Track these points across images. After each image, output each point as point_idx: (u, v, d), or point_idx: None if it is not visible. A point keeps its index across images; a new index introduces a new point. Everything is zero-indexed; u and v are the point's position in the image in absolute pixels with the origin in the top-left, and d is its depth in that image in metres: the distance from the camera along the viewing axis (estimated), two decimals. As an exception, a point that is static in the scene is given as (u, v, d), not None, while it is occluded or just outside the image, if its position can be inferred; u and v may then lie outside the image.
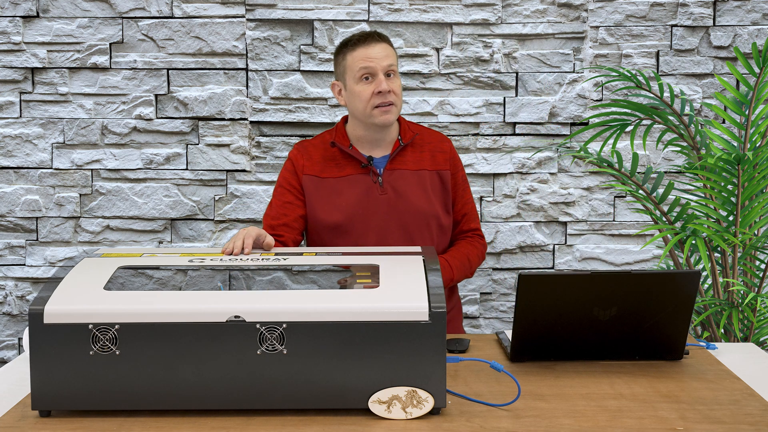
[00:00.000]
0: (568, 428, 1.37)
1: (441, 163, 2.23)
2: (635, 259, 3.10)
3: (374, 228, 2.15)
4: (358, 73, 2.12)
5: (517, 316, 1.67)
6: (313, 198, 2.18)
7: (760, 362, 1.79)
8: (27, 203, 3.05)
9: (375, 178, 2.17)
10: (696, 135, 2.55)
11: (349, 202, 2.16)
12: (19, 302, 3.09)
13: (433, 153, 2.24)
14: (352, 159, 2.19)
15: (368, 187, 2.17)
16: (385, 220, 2.15)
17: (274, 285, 1.77)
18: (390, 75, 2.14)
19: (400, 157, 2.21)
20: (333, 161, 2.20)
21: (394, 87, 2.13)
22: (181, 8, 3.00)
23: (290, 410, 1.43)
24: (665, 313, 1.68)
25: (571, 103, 3.04)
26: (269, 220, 2.19)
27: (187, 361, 1.40)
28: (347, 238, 2.16)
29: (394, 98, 2.13)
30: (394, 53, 2.17)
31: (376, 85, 2.11)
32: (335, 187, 2.17)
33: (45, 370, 1.40)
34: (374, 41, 2.14)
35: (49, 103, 3.03)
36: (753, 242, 2.49)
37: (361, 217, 2.15)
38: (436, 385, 1.40)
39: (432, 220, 2.19)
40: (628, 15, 3.02)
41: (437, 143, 2.26)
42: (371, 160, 2.18)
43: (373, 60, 2.11)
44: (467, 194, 2.29)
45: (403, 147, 2.20)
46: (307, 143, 2.27)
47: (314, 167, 2.20)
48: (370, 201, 2.16)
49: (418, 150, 2.23)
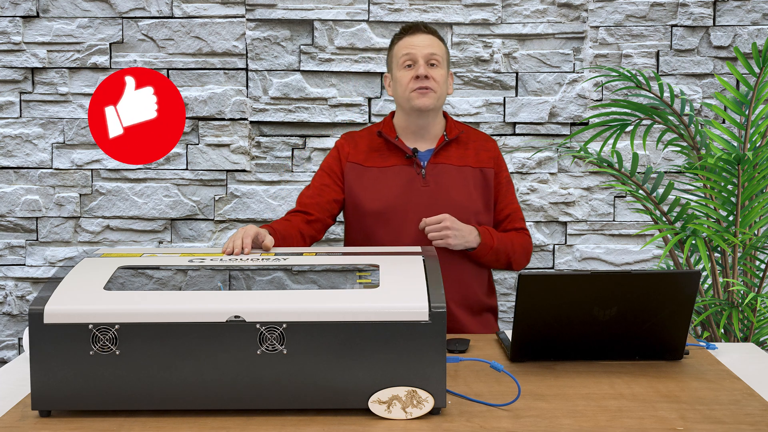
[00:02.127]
0: (568, 428, 1.37)
1: (485, 160, 2.25)
2: (635, 259, 3.10)
3: (413, 219, 2.16)
4: (401, 59, 2.18)
5: (517, 316, 1.67)
6: (355, 185, 2.21)
7: (760, 362, 1.79)
8: (27, 203, 3.05)
9: (418, 170, 2.20)
10: (696, 135, 2.55)
11: (391, 191, 2.18)
12: (19, 302, 3.09)
13: (478, 151, 2.26)
14: (397, 150, 2.22)
15: (411, 178, 2.19)
16: (425, 213, 2.16)
17: (274, 285, 1.77)
18: (434, 64, 2.17)
19: (444, 152, 2.23)
20: (378, 152, 2.23)
21: (435, 75, 2.16)
22: (181, 8, 3.00)
23: (290, 410, 1.43)
24: (665, 313, 1.67)
25: (571, 103, 3.04)
26: (303, 198, 2.23)
27: (187, 361, 1.40)
28: (387, 227, 2.18)
29: (434, 85, 2.15)
30: (440, 45, 2.20)
31: (415, 70, 2.15)
32: (378, 176, 2.20)
33: (45, 370, 1.40)
34: (419, 32, 2.19)
35: (49, 103, 3.03)
36: (753, 242, 2.49)
37: (402, 207, 2.17)
38: (436, 385, 1.40)
39: (471, 216, 2.19)
40: (628, 15, 3.02)
41: (482, 142, 2.28)
42: (416, 152, 2.20)
43: (415, 47, 2.16)
44: (510, 195, 2.29)
45: (447, 142, 2.23)
46: (354, 133, 2.31)
47: (359, 155, 2.24)
48: (412, 192, 2.18)
49: (463, 147, 2.25)
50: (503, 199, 2.27)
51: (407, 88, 2.16)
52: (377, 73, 3.04)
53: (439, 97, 2.17)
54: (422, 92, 2.15)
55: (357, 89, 3.04)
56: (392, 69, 2.23)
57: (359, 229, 2.22)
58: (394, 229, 2.17)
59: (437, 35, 2.21)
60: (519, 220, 2.29)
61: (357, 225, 2.23)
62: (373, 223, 2.19)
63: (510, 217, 2.27)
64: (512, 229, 2.27)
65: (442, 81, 2.18)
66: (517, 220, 2.28)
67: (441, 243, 2.09)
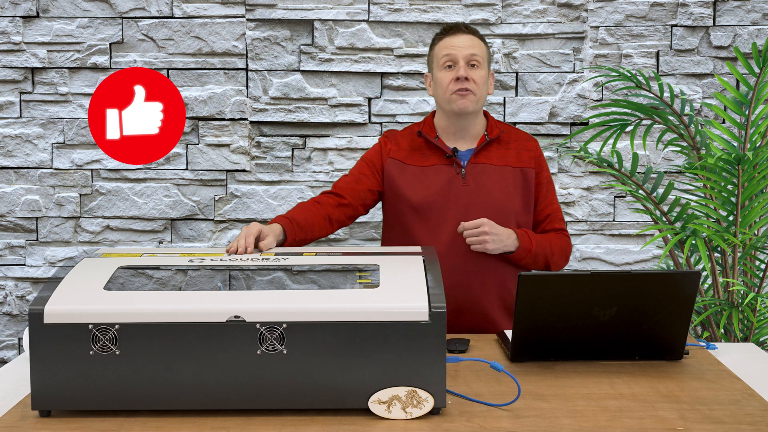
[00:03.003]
0: (568, 428, 1.37)
1: (526, 161, 2.23)
2: (635, 259, 3.10)
3: (452, 218, 2.15)
4: (441, 60, 2.17)
5: (517, 316, 1.67)
6: (396, 178, 2.21)
7: (760, 362, 1.79)
8: (27, 203, 3.05)
9: (458, 169, 2.19)
10: (696, 135, 2.55)
11: (430, 188, 2.18)
12: (19, 302, 3.09)
13: (519, 151, 2.24)
14: (437, 150, 2.22)
15: (451, 177, 2.19)
16: (464, 212, 2.15)
17: (274, 285, 1.77)
18: (474, 65, 2.16)
19: (485, 151, 2.21)
20: (418, 151, 2.23)
21: (475, 76, 2.15)
22: (181, 8, 3.00)
23: (290, 410, 1.43)
24: (665, 313, 1.67)
25: (571, 103, 3.04)
26: (339, 182, 2.24)
27: (187, 361, 1.40)
28: (425, 223, 2.17)
29: (473, 86, 2.14)
30: (481, 45, 2.18)
31: (456, 71, 2.14)
32: (419, 174, 2.20)
33: (45, 370, 1.40)
34: (460, 32, 2.18)
35: (49, 103, 3.03)
36: (753, 242, 2.49)
37: (441, 205, 2.17)
38: (436, 385, 1.40)
39: (511, 217, 2.18)
40: (628, 15, 3.02)
41: (524, 141, 2.27)
42: (456, 152, 2.20)
43: (455, 48, 2.15)
44: (551, 195, 2.27)
45: (488, 142, 2.21)
46: (395, 131, 2.31)
47: (400, 153, 2.24)
48: (452, 191, 2.18)
49: (504, 146, 2.24)
50: (543, 199, 2.25)
51: (447, 89, 2.15)
52: (377, 73, 3.04)
53: (478, 99, 2.16)
54: (462, 94, 2.14)
55: (357, 89, 3.05)
56: (432, 69, 2.22)
57: (398, 223, 2.22)
58: (432, 226, 2.16)
59: (478, 35, 2.20)
60: (558, 220, 2.26)
61: (396, 220, 2.23)
62: (412, 218, 2.18)
63: (550, 218, 2.25)
64: (551, 230, 2.25)
65: (482, 82, 2.17)
66: (556, 220, 2.26)
67: (479, 248, 2.08)
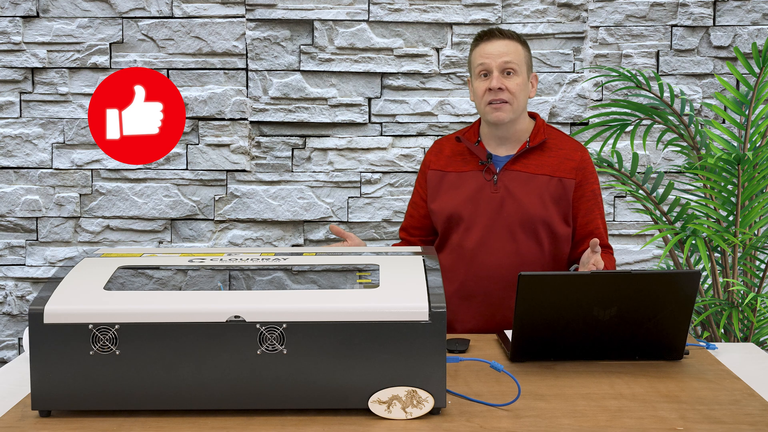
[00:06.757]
0: (568, 428, 1.37)
1: (566, 170, 2.15)
2: (635, 259, 3.10)
3: (479, 226, 2.14)
4: (476, 69, 2.13)
5: (517, 316, 1.67)
6: (434, 191, 2.22)
7: (760, 362, 1.79)
8: (27, 203, 3.05)
9: (490, 176, 2.16)
10: (696, 135, 2.55)
11: (461, 196, 2.18)
12: (19, 302, 3.09)
13: (561, 159, 2.16)
14: (476, 155, 2.20)
15: (482, 184, 2.17)
16: (492, 219, 2.14)
17: (274, 285, 1.77)
18: (510, 73, 2.10)
19: (523, 158, 2.16)
20: (460, 156, 2.22)
21: (510, 85, 2.10)
22: (181, 8, 3.00)
23: (290, 410, 1.43)
24: (665, 313, 1.67)
25: (571, 103, 3.04)
26: (406, 219, 2.32)
27: (187, 361, 1.40)
28: (455, 231, 2.18)
29: (508, 96, 2.10)
30: (516, 49, 2.12)
31: (489, 82, 2.10)
32: (455, 181, 2.20)
33: (45, 370, 1.40)
34: (494, 38, 2.12)
35: (49, 103, 3.03)
36: (753, 242, 2.49)
37: (470, 212, 2.16)
38: (436, 385, 1.40)
39: (541, 226, 2.13)
40: (628, 15, 3.02)
41: (569, 150, 2.18)
42: (490, 158, 2.17)
43: (489, 57, 2.10)
44: (596, 210, 2.17)
45: (528, 149, 2.16)
46: (444, 138, 2.31)
47: (440, 161, 2.23)
48: (482, 198, 2.16)
49: (546, 154, 2.17)
50: (586, 213, 2.16)
51: (482, 100, 2.12)
52: (377, 73, 3.04)
53: (515, 108, 2.11)
54: (496, 107, 2.10)
55: (357, 89, 3.05)
56: (471, 76, 2.18)
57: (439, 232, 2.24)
58: (460, 233, 2.17)
59: (515, 38, 2.13)
60: (602, 238, 2.18)
61: (438, 228, 2.24)
62: (447, 226, 2.19)
63: (593, 235, 2.15)
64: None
65: (519, 90, 2.11)
66: (601, 238, 2.17)
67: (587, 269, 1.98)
